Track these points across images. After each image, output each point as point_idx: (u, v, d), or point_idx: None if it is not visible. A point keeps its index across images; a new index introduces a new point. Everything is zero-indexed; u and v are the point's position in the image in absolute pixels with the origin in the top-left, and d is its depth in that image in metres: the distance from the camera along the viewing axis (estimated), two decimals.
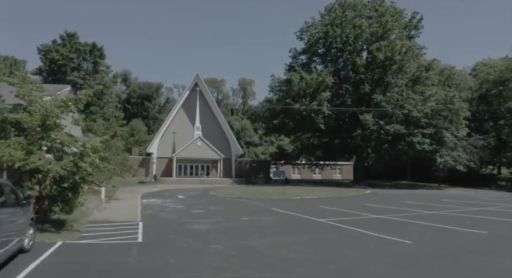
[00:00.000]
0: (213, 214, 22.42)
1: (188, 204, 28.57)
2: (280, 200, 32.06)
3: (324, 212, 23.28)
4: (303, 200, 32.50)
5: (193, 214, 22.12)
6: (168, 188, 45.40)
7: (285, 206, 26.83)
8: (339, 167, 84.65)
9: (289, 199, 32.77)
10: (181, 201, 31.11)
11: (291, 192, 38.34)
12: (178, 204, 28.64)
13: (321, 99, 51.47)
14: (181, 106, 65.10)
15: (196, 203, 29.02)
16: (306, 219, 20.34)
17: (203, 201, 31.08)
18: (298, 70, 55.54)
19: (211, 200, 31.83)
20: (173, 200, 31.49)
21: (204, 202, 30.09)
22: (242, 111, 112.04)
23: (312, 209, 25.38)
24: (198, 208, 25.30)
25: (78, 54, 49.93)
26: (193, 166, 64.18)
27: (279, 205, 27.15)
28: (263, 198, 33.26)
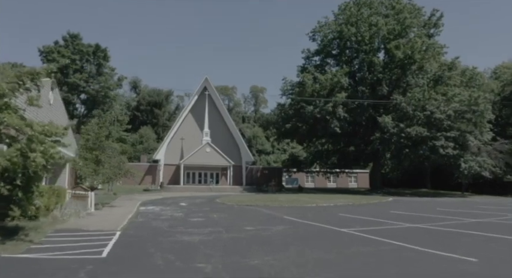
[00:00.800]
0: (213, 223, 18.53)
1: (189, 211, 24.75)
2: (293, 207, 28.03)
3: (345, 221, 19.20)
4: (319, 208, 28.41)
5: (189, 223, 18.27)
6: (172, 196, 41.75)
7: (298, 214, 22.83)
8: (354, 175, 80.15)
9: (303, 207, 28.70)
10: (182, 208, 27.29)
11: (304, 199, 34.24)
12: (177, 211, 24.84)
13: (336, 101, 47.41)
14: (190, 111, 61.60)
15: (198, 211, 25.17)
16: (325, 229, 16.33)
17: (206, 208, 27.21)
18: (312, 71, 51.69)
19: (216, 208, 27.96)
20: (173, 207, 27.70)
21: (207, 209, 26.24)
22: (254, 119, 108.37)
23: (331, 217, 21.34)
24: (197, 216, 21.45)
25: (81, 55, 46.99)
26: (202, 173, 60.40)
27: (291, 213, 23.16)
28: (274, 205, 29.28)
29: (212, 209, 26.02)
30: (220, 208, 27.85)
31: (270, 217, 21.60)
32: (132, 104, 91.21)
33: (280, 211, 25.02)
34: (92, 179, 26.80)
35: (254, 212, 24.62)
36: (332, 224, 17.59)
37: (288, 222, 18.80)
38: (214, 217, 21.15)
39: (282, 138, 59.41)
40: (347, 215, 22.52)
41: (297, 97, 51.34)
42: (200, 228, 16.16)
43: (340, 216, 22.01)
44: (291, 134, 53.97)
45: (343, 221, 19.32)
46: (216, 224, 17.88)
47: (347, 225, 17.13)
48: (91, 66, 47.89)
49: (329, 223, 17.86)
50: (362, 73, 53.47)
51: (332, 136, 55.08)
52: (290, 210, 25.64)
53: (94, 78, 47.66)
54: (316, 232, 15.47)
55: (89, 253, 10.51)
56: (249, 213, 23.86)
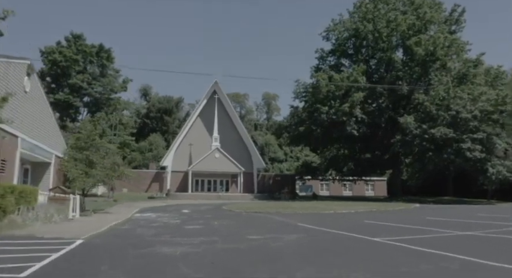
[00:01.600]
0: (211, 231, 14.83)
1: (188, 218, 21.10)
2: (308, 214, 24.13)
3: (375, 229, 15.29)
4: (338, 214, 24.45)
5: (181, 231, 14.62)
6: (177, 203, 38.23)
7: (315, 221, 18.98)
8: (371, 183, 75.46)
9: (320, 214, 24.78)
10: (182, 215, 23.63)
11: (321, 206, 30.26)
12: (175, 218, 21.20)
13: (353, 101, 43.46)
14: (199, 115, 58.17)
15: (199, 218, 21.50)
16: (351, 238, 12.46)
17: (209, 215, 23.51)
18: (326, 71, 47.94)
19: (221, 214, 24.23)
20: (173, 214, 24.07)
21: (209, 216, 22.55)
22: (266, 127, 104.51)
23: (355, 224, 17.44)
24: (195, 224, 17.77)
25: (83, 55, 44.13)
26: (211, 181, 56.72)
27: (307, 220, 19.32)
28: (286, 212, 25.40)
29: (215, 217, 22.32)
30: (225, 215, 24.14)
31: (281, 224, 17.82)
32: (142, 112, 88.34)
33: (293, 218, 21.19)
34: (82, 181, 23.39)
35: (264, 219, 20.82)
36: (359, 232, 13.72)
37: (304, 230, 14.99)
38: (214, 225, 17.46)
39: (295, 143, 55.32)
40: (374, 222, 18.55)
41: (311, 98, 47.54)
42: (191, 237, 12.45)
43: (366, 223, 18.05)
44: (305, 138, 49.94)
45: (371, 229, 15.42)
46: (214, 232, 14.17)
47: (378, 233, 13.24)
48: (94, 67, 44.95)
49: (355, 231, 14.00)
50: (380, 73, 49.61)
51: (348, 141, 51.04)
52: (305, 217, 21.77)
53: (97, 80, 44.66)
54: (341, 242, 11.61)
55: (9, 270, 6.89)
56: (258, 220, 20.10)
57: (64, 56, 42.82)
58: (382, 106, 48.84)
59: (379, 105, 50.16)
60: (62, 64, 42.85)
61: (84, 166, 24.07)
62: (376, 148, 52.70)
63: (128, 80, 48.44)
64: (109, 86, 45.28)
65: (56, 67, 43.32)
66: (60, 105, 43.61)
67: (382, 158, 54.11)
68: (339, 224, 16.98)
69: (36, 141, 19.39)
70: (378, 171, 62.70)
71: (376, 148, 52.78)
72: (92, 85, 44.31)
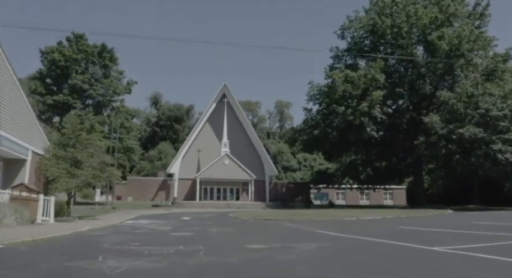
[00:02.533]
0: (202, 238, 11.11)
1: (183, 225, 17.45)
2: (327, 221, 20.17)
3: (419, 236, 11.35)
4: (364, 221, 20.40)
5: (162, 239, 10.97)
6: (182, 211, 34.54)
7: (338, 227, 15.12)
8: (389, 191, 70.80)
9: (341, 221, 20.77)
10: (178, 222, 19.96)
11: (340, 213, 26.22)
12: (167, 225, 17.54)
13: (372, 100, 39.44)
14: (207, 120, 54.71)
15: (197, 225, 17.80)
16: (396, 247, 8.55)
17: (210, 222, 19.77)
18: (342, 68, 44.04)
19: (224, 222, 20.46)
20: (168, 221, 20.42)
21: (210, 223, 18.82)
22: (279, 135, 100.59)
23: (391, 231, 13.51)
24: (187, 231, 14.08)
25: (84, 55, 41.16)
26: (221, 189, 52.94)
27: (326, 227, 15.47)
28: (301, 218, 21.50)
29: (216, 224, 18.57)
30: (229, 222, 20.35)
31: (295, 231, 14.00)
32: (152, 120, 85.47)
33: (310, 224, 17.32)
34: (65, 182, 19.91)
35: (273, 226, 16.99)
36: (402, 239, 9.80)
37: (325, 237, 11.14)
38: (211, 232, 13.73)
39: (309, 148, 51.12)
40: (413, 228, 14.52)
41: (326, 99, 43.65)
42: (167, 246, 8.73)
43: (405, 230, 14.04)
44: (320, 141, 45.76)
45: (415, 235, 11.46)
46: (205, 241, 10.43)
47: (432, 242, 9.26)
48: (96, 68, 41.93)
49: (396, 238, 10.08)
50: (400, 72, 45.55)
51: (366, 145, 46.89)
52: (324, 224, 17.86)
53: (99, 81, 41.61)
54: (384, 254, 7.68)
55: None
56: (266, 228, 16.29)
57: (63, 55, 39.87)
58: (402, 107, 44.78)
59: (399, 106, 46.09)
60: (61, 64, 39.87)
61: (68, 165, 20.64)
62: (396, 153, 48.38)
63: (132, 82, 45.26)
64: (111, 87, 42.06)
65: (55, 67, 40.40)
66: (60, 107, 40.58)
67: (403, 164, 49.80)
68: (371, 231, 13.08)
69: (3, 132, 15.98)
70: (396, 179, 58.23)
71: (395, 153, 48.46)
72: (93, 86, 41.17)
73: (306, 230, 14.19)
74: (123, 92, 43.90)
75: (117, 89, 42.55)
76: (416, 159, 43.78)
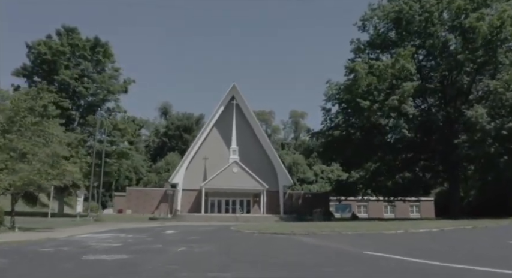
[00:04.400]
0: (120, 268, 4.73)
1: (142, 242, 11.34)
2: (365, 236, 13.85)
3: None
4: (420, 235, 13.92)
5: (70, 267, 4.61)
6: (176, 225, 28.50)
7: (395, 246, 8.75)
8: (416, 203, 63.18)
9: (386, 235, 14.42)
10: (154, 237, 14.16)
11: (373, 226, 19.57)
12: (124, 241, 11.30)
13: (404, 92, 32.90)
14: (215, 125, 48.70)
15: (176, 241, 12.21)
16: None
17: (198, 237, 13.94)
18: (365, 59, 37.66)
19: (219, 237, 14.47)
20: (141, 236, 14.53)
21: (197, 239, 13.03)
22: (294, 146, 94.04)
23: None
24: (130, 252, 7.83)
25: (75, 50, 35.91)
26: (229, 201, 46.55)
27: (374, 244, 9.11)
28: (324, 232, 15.21)
29: (206, 240, 12.65)
30: (226, 237, 14.23)
31: (320, 251, 7.61)
32: (161, 131, 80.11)
33: (340, 240, 11.14)
34: None
35: (285, 242, 10.91)
36: None
37: (401, 268, 4.72)
38: (168, 253, 7.46)
39: (328, 153, 44.16)
40: None
41: (347, 96, 37.21)
42: None
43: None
44: (341, 144, 39.02)
45: None
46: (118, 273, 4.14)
47: None
48: (87, 63, 36.63)
49: None
50: (432, 65, 39.01)
51: (393, 149, 40.27)
52: (364, 240, 11.59)
53: (91, 78, 36.22)
54: None
55: None
56: (273, 245, 10.32)
57: (50, 49, 34.74)
58: (435, 104, 38.09)
59: (430, 104, 39.37)
60: (47, 58, 34.70)
61: (6, 155, 14.82)
62: (427, 158, 41.54)
63: (130, 81, 39.74)
64: (104, 85, 36.52)
65: (40, 62, 35.21)
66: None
67: (436, 169, 42.79)
68: (477, 252, 6.64)
69: None
70: (421, 190, 50.84)
71: (426, 158, 41.62)
72: (84, 84, 35.75)
73: (341, 250, 7.86)
74: (119, 91, 38.34)
75: (111, 87, 37.01)
76: (453, 163, 36.89)
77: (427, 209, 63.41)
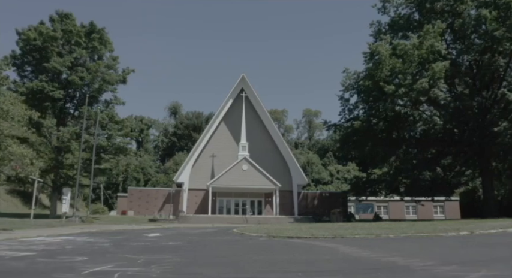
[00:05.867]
0: None
1: (93, 251, 6.80)
2: (416, 240, 9.06)
3: None
4: (489, 237, 9.08)
5: None
6: (174, 226, 24.28)
7: (482, 255, 4.04)
8: (440, 204, 57.90)
9: (444, 238, 9.55)
10: (118, 243, 9.47)
11: (421, 226, 14.92)
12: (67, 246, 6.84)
13: (434, 73, 28.15)
14: (223, 120, 44.43)
15: (131, 250, 7.06)
16: None
17: (175, 243, 9.24)
18: (388, 40, 32.94)
19: (209, 243, 10.10)
20: (104, 240, 9.92)
21: (171, 246, 8.35)
22: (308, 146, 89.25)
23: None
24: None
25: (68, 36, 32.11)
26: (239, 201, 42.20)
27: (449, 254, 4.40)
28: (356, 235, 10.37)
29: (182, 248, 8.17)
30: (217, 243, 9.89)
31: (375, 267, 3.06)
32: (170, 130, 76.27)
33: (388, 248, 6.40)
34: None
35: (302, 249, 6.17)
36: None
37: None
38: None
39: (348, 147, 39.20)
40: None
41: (368, 82, 32.50)
42: None
43: None
44: (362, 136, 34.26)
45: None
46: None
47: None
48: (82, 51, 32.85)
49: None
50: (462, 47, 34.03)
51: (420, 142, 35.41)
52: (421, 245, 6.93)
53: (85, 66, 32.39)
54: None
55: None
56: (283, 254, 5.41)
57: (40, 34, 31.06)
58: (465, 90, 33.12)
59: (461, 91, 34.34)
60: (37, 44, 31.03)
61: None
62: (458, 152, 36.52)
63: (129, 71, 35.74)
64: (99, 73, 32.59)
65: (30, 49, 31.54)
66: (37, 98, 31.34)
67: (467, 164, 37.88)
68: None
69: None
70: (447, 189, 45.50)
71: (457, 152, 36.61)
72: (78, 73, 31.93)
73: (399, 264, 3.42)
74: (116, 81, 34.41)
75: (107, 76, 33.09)
76: (487, 157, 31.98)
77: (452, 209, 58.08)
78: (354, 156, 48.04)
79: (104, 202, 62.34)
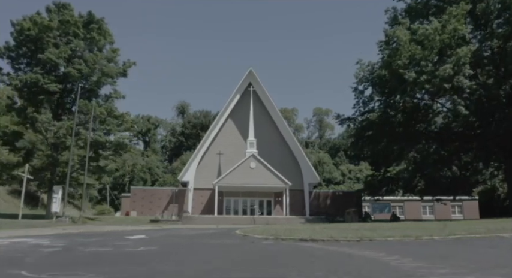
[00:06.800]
0: None
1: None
2: (474, 242, 6.18)
3: None
4: None
5: None
6: (173, 227, 21.83)
7: None
8: (458, 203, 54.51)
9: (501, 238, 6.70)
10: (70, 248, 6.68)
11: (463, 225, 12.07)
12: None
13: (458, 59, 25.28)
14: (229, 116, 41.90)
15: (75, 260, 4.36)
16: None
17: (152, 248, 6.30)
18: (406, 24, 30.09)
19: (196, 248, 6.97)
20: (57, 244, 7.19)
21: (142, 251, 5.48)
22: (318, 145, 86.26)
23: None
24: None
25: (66, 27, 29.90)
26: (247, 201, 39.57)
27: None
28: (389, 238, 7.61)
29: (162, 254, 5.36)
30: (209, 247, 7.07)
31: None
32: (178, 130, 73.99)
33: (481, 261, 3.59)
34: None
35: (322, 259, 3.46)
36: None
37: None
38: None
39: (362, 143, 36.21)
40: None
41: (384, 72, 29.69)
42: None
43: None
44: (378, 130, 31.43)
45: None
46: None
47: None
48: (79, 42, 30.71)
49: None
50: (486, 28, 30.92)
51: (441, 136, 32.44)
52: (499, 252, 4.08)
53: (82, 58, 30.21)
54: None
55: None
56: (297, 266, 2.79)
57: (35, 23, 28.96)
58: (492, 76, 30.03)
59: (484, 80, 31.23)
60: (32, 34, 28.93)
61: None
62: (481, 147, 33.42)
63: (130, 63, 33.42)
64: (98, 65, 30.31)
65: (24, 40, 29.46)
66: (32, 92, 29.16)
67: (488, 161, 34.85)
68: None
69: None
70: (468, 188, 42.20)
71: (480, 147, 33.51)
72: (75, 65, 29.73)
73: None
74: (116, 74, 32.14)
75: (105, 68, 30.81)
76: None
77: (470, 209, 54.68)
78: (366, 156, 44.95)
79: (110, 203, 60.25)
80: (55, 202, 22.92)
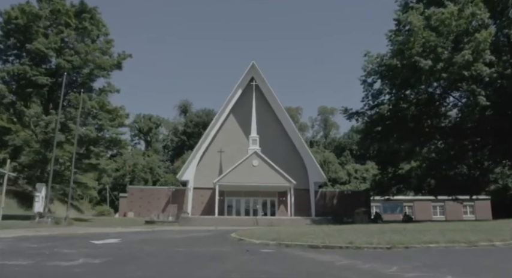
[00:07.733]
0: None
1: None
2: None
3: None
4: None
5: None
6: (164, 229, 19.48)
7: None
8: (469, 203, 51.81)
9: None
10: None
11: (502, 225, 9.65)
12: None
13: (478, 44, 22.86)
14: (231, 111, 39.62)
15: None
16: None
17: (94, 261, 3.99)
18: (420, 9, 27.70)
19: (174, 256, 4.71)
20: None
21: (94, 266, 3.06)
22: (324, 145, 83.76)
23: None
24: None
25: (56, 15, 27.86)
26: (250, 201, 37.22)
27: None
28: (429, 244, 5.18)
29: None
30: (180, 258, 4.55)
31: None
32: (180, 129, 71.80)
33: None
34: None
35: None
36: None
37: None
38: None
39: (371, 139, 33.63)
40: None
41: (395, 62, 27.27)
42: None
43: None
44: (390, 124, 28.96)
45: None
46: None
47: None
48: (70, 31, 28.64)
49: None
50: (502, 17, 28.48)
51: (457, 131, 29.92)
52: None
53: (73, 49, 28.14)
54: None
55: None
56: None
57: (23, 12, 26.93)
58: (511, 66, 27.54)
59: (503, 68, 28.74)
60: (19, 23, 26.89)
61: None
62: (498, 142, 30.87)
63: (125, 56, 31.24)
64: (89, 56, 28.16)
65: (12, 29, 27.44)
66: (21, 85, 27.05)
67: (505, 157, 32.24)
68: None
69: None
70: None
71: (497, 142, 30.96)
72: (65, 56, 27.65)
73: None
74: (110, 67, 30.00)
75: (99, 60, 28.67)
76: None
77: (482, 209, 51.96)
78: (372, 155, 42.49)
79: (110, 203, 58.22)
80: (37, 201, 20.78)
